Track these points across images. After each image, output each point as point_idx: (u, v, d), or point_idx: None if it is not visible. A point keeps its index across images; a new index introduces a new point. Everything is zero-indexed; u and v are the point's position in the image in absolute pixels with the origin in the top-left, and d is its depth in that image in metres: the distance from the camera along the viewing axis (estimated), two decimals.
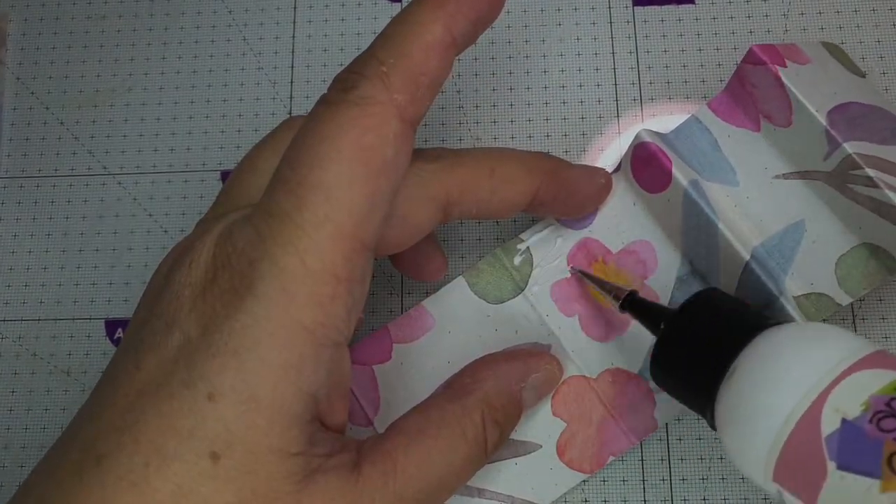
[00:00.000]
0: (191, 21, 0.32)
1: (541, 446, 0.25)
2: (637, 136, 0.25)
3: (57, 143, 0.31)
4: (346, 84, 0.19)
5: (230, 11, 0.32)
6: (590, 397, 0.25)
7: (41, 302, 0.29)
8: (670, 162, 0.25)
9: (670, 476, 0.26)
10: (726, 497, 0.26)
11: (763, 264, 0.24)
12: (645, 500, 0.26)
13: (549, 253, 0.27)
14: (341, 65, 0.31)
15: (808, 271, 0.24)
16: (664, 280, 0.26)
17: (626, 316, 0.24)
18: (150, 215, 0.30)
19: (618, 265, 0.26)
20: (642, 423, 0.25)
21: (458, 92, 0.30)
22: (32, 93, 0.32)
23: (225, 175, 0.30)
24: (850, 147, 0.23)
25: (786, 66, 0.24)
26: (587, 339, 0.26)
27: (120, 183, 0.30)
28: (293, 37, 0.32)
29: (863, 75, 0.27)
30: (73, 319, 0.29)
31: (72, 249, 0.30)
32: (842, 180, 0.24)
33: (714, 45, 0.30)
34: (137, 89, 0.31)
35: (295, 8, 0.32)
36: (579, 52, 0.30)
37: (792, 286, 0.24)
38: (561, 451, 0.25)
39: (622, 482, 0.26)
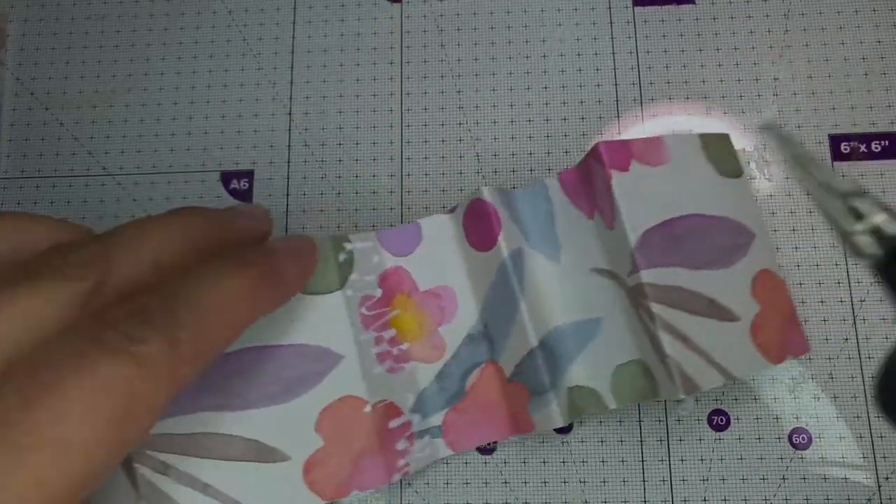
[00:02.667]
0: (191, 21, 0.32)
1: (289, 458, 0.24)
2: (478, 191, 0.25)
3: (56, 144, 0.31)
4: (133, 333, 0.17)
5: (230, 12, 0.32)
6: (360, 425, 0.24)
7: None
8: (500, 228, 0.25)
9: (670, 476, 0.26)
10: (726, 497, 0.26)
11: (550, 348, 0.24)
12: (645, 500, 0.26)
13: (367, 265, 0.26)
14: (341, 65, 0.31)
15: (591, 367, 0.25)
16: (455, 333, 0.26)
17: (429, 354, 0.25)
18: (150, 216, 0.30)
19: (420, 304, 0.26)
20: (392, 465, 0.25)
21: (459, 92, 0.30)
22: (32, 93, 0.31)
23: (225, 175, 0.30)
24: (644, 276, 0.23)
25: (626, 170, 0.24)
26: (380, 366, 0.25)
27: (119, 183, 0.30)
28: (293, 37, 0.31)
29: (738, 174, 0.27)
30: None
31: None
32: (636, 300, 0.24)
33: (714, 46, 0.30)
34: (137, 90, 0.31)
35: (295, 8, 0.32)
36: (579, 53, 0.30)
37: (573, 374, 0.25)
38: (307, 469, 0.24)
39: (622, 482, 0.26)
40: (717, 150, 0.26)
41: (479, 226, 0.25)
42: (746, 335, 0.24)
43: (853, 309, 0.27)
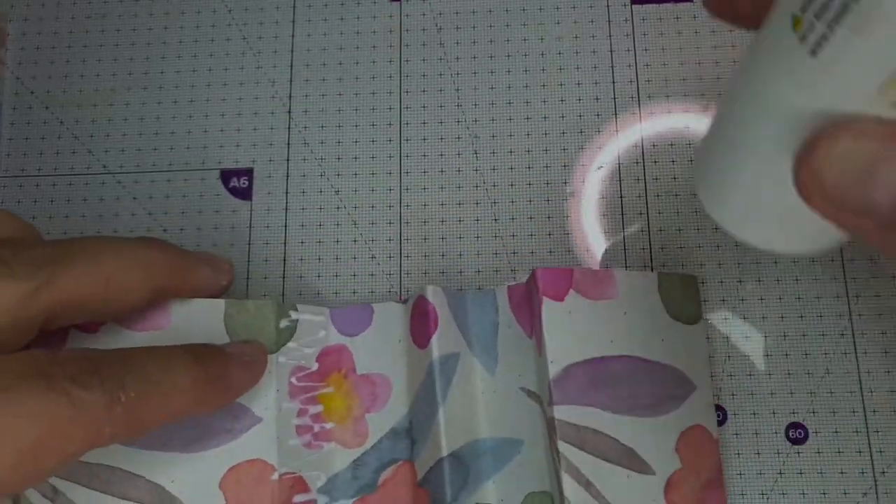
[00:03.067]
0: (190, 21, 0.32)
1: None
2: (423, 288, 0.25)
3: (57, 143, 0.31)
4: (79, 377, 0.17)
5: (230, 11, 0.32)
6: (264, 490, 0.24)
7: None
8: (435, 329, 0.24)
9: None
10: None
11: (463, 460, 0.24)
12: None
13: (310, 338, 0.26)
14: (340, 63, 0.31)
15: (503, 488, 0.24)
16: (381, 423, 0.26)
17: (350, 439, 0.25)
18: (150, 214, 0.30)
19: (354, 385, 0.26)
20: None
21: (457, 90, 0.30)
22: (32, 92, 0.32)
23: (225, 174, 0.30)
24: (557, 411, 0.23)
25: (561, 300, 0.24)
26: (298, 438, 0.25)
27: (120, 182, 0.30)
28: (292, 36, 0.32)
29: (695, 320, 0.26)
30: None
31: None
32: (550, 432, 0.23)
33: (712, 43, 0.30)
34: (137, 88, 0.31)
35: (294, 7, 0.32)
36: (577, 51, 0.30)
37: (483, 492, 0.24)
38: None
39: None
40: (676, 291, 0.26)
41: (418, 322, 0.25)
42: (659, 492, 0.23)
43: (849, 305, 0.27)
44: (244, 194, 0.30)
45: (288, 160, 0.30)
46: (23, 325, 0.19)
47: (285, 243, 0.29)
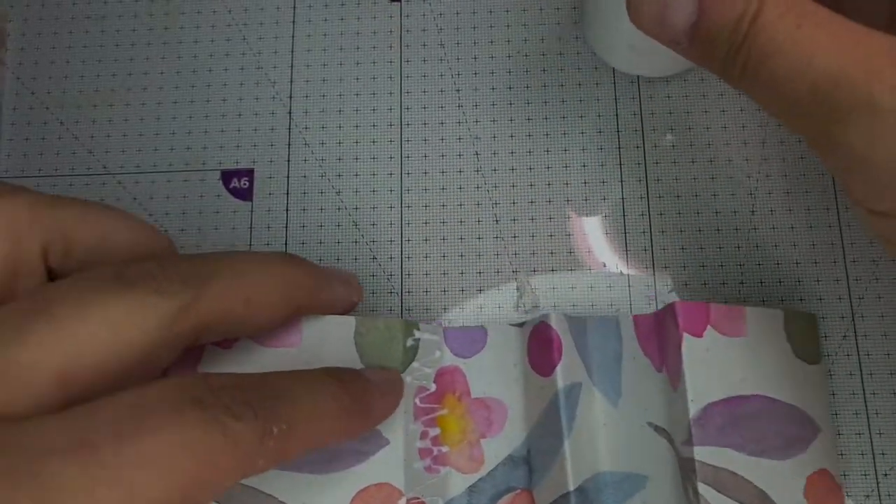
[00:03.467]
0: (190, 21, 0.32)
1: None
2: (545, 315, 0.24)
3: (57, 143, 0.31)
4: (234, 408, 0.17)
5: (230, 11, 0.32)
6: None
7: None
8: (560, 357, 0.24)
9: None
10: None
11: (588, 495, 0.23)
12: None
13: (428, 358, 0.25)
14: (341, 64, 0.31)
15: None
16: (497, 450, 0.25)
17: (465, 464, 0.25)
18: (150, 215, 0.30)
19: (468, 409, 0.25)
20: None
21: (458, 91, 0.30)
22: (32, 93, 0.32)
23: (225, 174, 0.30)
24: (698, 452, 0.22)
25: (700, 336, 0.23)
26: (420, 461, 0.24)
27: (120, 182, 0.30)
28: (293, 36, 0.32)
29: (815, 361, 0.25)
30: None
31: None
32: (686, 472, 0.23)
33: None
34: (137, 89, 0.31)
35: (294, 8, 0.32)
36: (578, 52, 0.30)
37: None
38: None
39: None
40: (800, 330, 0.25)
41: (539, 349, 0.25)
42: None
43: (851, 306, 0.27)
44: (245, 195, 0.30)
45: (289, 161, 0.30)
46: (170, 343, 0.18)
47: (286, 244, 0.29)
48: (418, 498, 0.24)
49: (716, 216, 0.28)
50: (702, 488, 0.22)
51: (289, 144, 0.30)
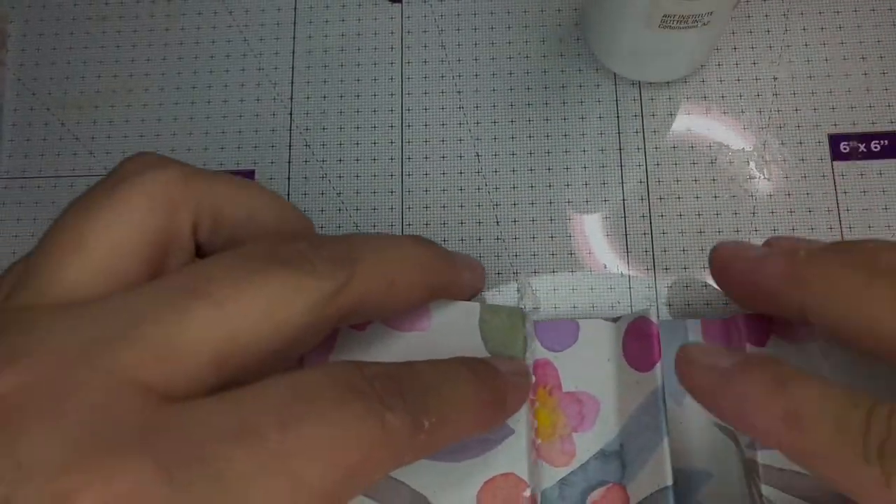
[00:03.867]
0: (191, 21, 0.32)
1: None
2: (645, 310, 0.25)
3: (58, 144, 0.31)
4: (388, 399, 0.16)
5: (230, 12, 0.32)
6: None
7: None
8: (659, 355, 0.24)
9: None
10: None
11: (681, 489, 0.23)
12: None
13: (530, 348, 0.26)
14: (342, 65, 0.31)
15: None
16: (589, 444, 0.25)
17: (556, 457, 0.25)
18: None
19: (559, 403, 0.25)
20: None
21: (459, 92, 0.30)
22: (33, 93, 0.32)
23: None
24: (761, 456, 0.23)
25: (763, 345, 0.24)
26: (533, 451, 0.24)
27: None
28: (293, 37, 0.32)
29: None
30: None
31: None
32: (750, 475, 0.23)
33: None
34: (138, 90, 0.31)
35: (295, 8, 0.32)
36: (579, 53, 0.30)
37: None
38: None
39: None
40: None
41: (638, 344, 0.25)
42: None
43: None
44: None
45: (289, 161, 0.30)
46: (320, 326, 0.18)
47: None
48: (536, 488, 0.24)
49: (717, 218, 0.28)
50: (766, 490, 0.22)
51: (290, 145, 0.30)
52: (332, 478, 0.15)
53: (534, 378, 0.25)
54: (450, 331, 0.24)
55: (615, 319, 0.26)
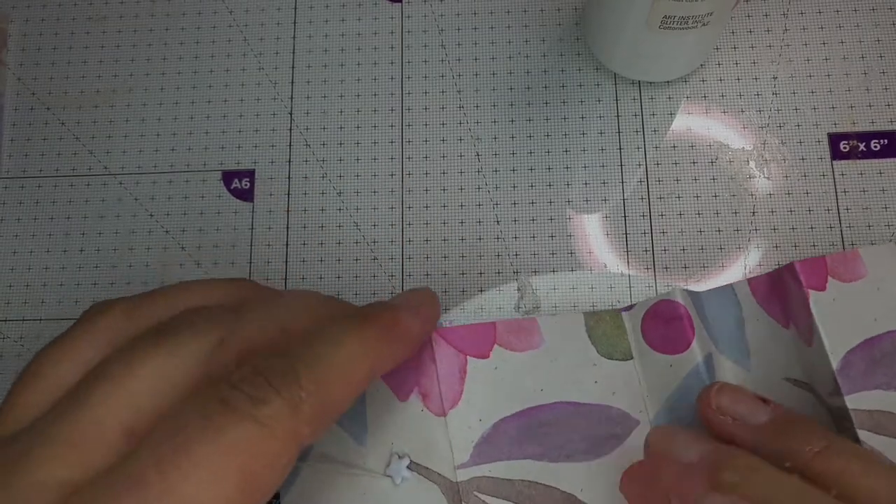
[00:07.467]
0: (191, 21, 0.32)
1: None
2: (668, 293, 0.25)
3: (58, 144, 0.31)
4: (256, 394, 0.17)
5: (231, 12, 0.32)
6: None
7: (43, 302, 0.29)
8: (693, 332, 0.24)
9: None
10: None
11: None
12: None
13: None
14: (342, 65, 0.31)
15: None
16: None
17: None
18: (152, 215, 0.30)
19: None
20: None
21: (459, 92, 0.30)
22: (33, 93, 0.32)
23: (226, 175, 0.30)
24: (850, 401, 0.23)
25: (823, 289, 0.24)
26: None
27: (121, 183, 0.30)
28: (293, 37, 0.32)
29: None
30: (75, 319, 0.29)
31: (73, 249, 0.30)
32: (840, 423, 0.23)
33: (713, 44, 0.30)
34: (138, 89, 0.31)
35: (295, 8, 0.32)
36: (579, 53, 0.30)
37: None
38: None
39: None
40: None
41: (666, 328, 0.25)
42: None
43: None
44: (246, 196, 0.30)
45: (290, 161, 0.30)
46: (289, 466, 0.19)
47: (287, 245, 0.29)
48: None
49: (717, 217, 0.28)
50: (862, 434, 0.23)
51: (290, 145, 0.30)
52: (226, 489, 0.16)
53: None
54: (563, 341, 0.26)
55: (628, 308, 0.26)
